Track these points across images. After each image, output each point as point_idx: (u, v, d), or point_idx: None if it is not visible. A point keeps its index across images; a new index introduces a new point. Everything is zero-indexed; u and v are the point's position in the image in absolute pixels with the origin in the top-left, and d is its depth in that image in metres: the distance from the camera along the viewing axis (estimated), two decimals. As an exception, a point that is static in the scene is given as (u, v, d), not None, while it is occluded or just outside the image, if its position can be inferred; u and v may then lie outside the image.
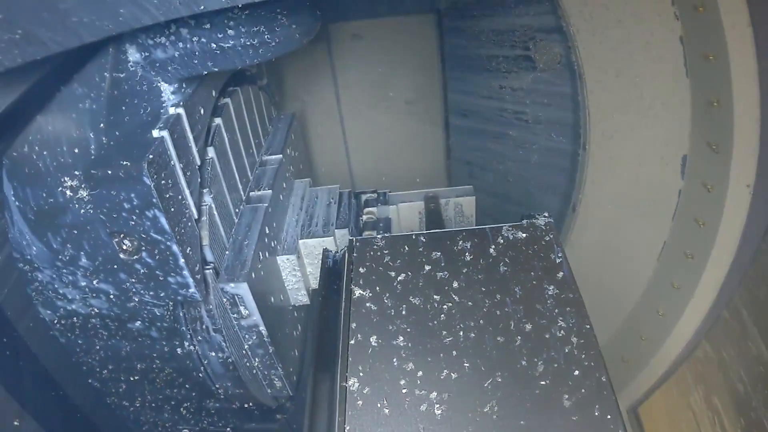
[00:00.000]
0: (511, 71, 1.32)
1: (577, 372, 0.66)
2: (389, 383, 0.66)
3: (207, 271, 0.87)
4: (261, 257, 0.94)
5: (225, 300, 0.89)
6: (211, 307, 0.88)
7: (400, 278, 0.77)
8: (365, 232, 1.06)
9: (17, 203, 0.84)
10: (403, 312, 0.73)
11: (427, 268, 0.78)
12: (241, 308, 0.90)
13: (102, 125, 0.78)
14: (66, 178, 0.80)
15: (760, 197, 0.98)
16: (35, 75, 0.75)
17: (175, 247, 0.77)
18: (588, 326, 0.71)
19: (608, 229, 1.31)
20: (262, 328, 0.93)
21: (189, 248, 0.80)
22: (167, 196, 0.75)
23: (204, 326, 0.90)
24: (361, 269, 0.79)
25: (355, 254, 0.82)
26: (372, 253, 0.81)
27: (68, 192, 0.80)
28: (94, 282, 0.88)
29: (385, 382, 0.66)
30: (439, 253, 0.80)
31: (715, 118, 1.02)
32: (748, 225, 1.02)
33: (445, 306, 0.74)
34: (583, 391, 0.64)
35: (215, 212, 0.90)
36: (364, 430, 0.63)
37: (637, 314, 1.29)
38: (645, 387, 1.27)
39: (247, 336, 0.95)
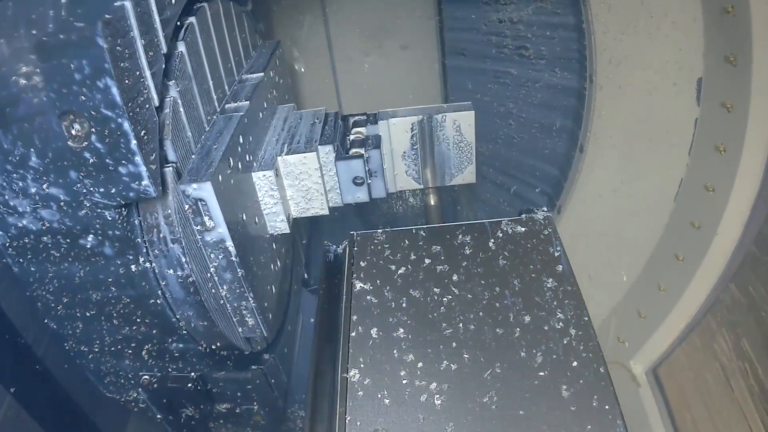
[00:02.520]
0: (510, 2, 1.25)
1: (575, 363, 0.66)
2: (390, 374, 0.67)
3: (167, 170, 0.77)
4: (232, 165, 0.84)
5: (187, 207, 0.79)
6: (169, 211, 0.78)
7: (400, 271, 0.79)
8: (353, 149, 0.96)
9: (-31, 103, 0.76)
10: (404, 304, 0.75)
11: (427, 261, 0.80)
12: (205, 218, 0.79)
13: (63, 0, 0.72)
14: (21, 64, 0.73)
15: (788, 108, 0.89)
16: None
17: (126, 125, 0.68)
18: (586, 318, 0.71)
19: (619, 168, 1.20)
20: (230, 243, 0.82)
21: (144, 132, 0.71)
22: (122, 65, 0.67)
23: (161, 236, 0.79)
24: (361, 263, 0.81)
25: (355, 248, 0.83)
26: (373, 246, 0.83)
27: (22, 80, 0.73)
28: (44, 186, 0.79)
29: (385, 373, 0.67)
30: (439, 247, 0.82)
31: (730, 27, 0.93)
32: (776, 143, 0.92)
33: (444, 299, 0.75)
34: (581, 381, 0.64)
35: (181, 109, 0.81)
36: (365, 421, 0.63)
37: (655, 261, 1.17)
38: (665, 344, 1.13)
39: (212, 255, 0.84)
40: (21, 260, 0.88)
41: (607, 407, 0.62)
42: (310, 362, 0.76)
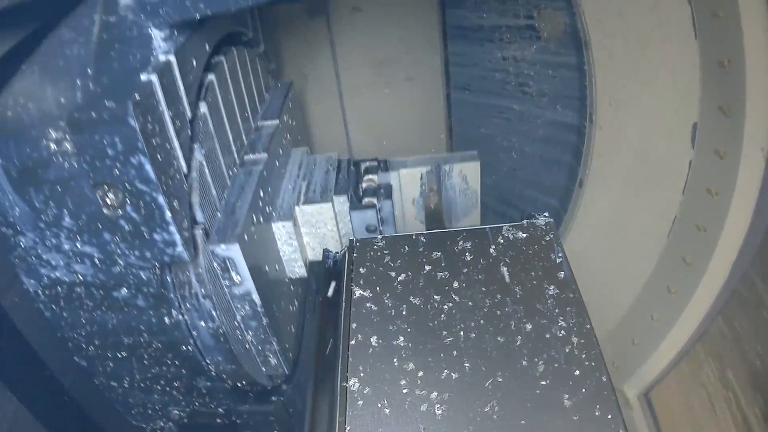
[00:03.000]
0: (514, 42, 1.29)
1: (577, 372, 0.66)
2: (390, 383, 0.66)
3: (196, 232, 0.82)
4: (255, 221, 0.89)
5: (216, 265, 0.84)
6: (200, 270, 0.83)
7: (400, 278, 0.77)
8: (365, 198, 1.01)
9: (0, 160, 0.79)
10: (404, 312, 0.73)
11: (428, 268, 0.78)
12: (233, 273, 0.85)
13: (90, 71, 0.75)
14: (50, 130, 0.76)
15: (776, 161, 0.95)
16: (23, 28, 0.72)
17: (161, 199, 0.72)
18: (588, 326, 0.71)
19: (617, 204, 1.26)
20: (255, 296, 0.87)
21: (176, 201, 0.75)
22: (154, 142, 0.71)
23: (193, 292, 0.85)
24: (361, 269, 0.79)
25: (355, 254, 0.82)
26: (372, 253, 0.81)
27: (52, 145, 0.76)
28: (78, 244, 0.83)
29: (385, 382, 0.66)
30: (439, 253, 0.80)
31: (725, 80, 0.98)
32: (763, 191, 0.98)
33: (445, 306, 0.74)
34: (583, 390, 0.64)
35: (206, 170, 0.85)
36: (365, 430, 0.62)
37: (648, 293, 1.24)
38: (657, 370, 1.22)
39: (239, 305, 0.89)
40: (53, 306, 0.91)
41: (609, 416, 0.61)
42: (309, 371, 0.76)
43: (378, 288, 0.77)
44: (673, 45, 1.05)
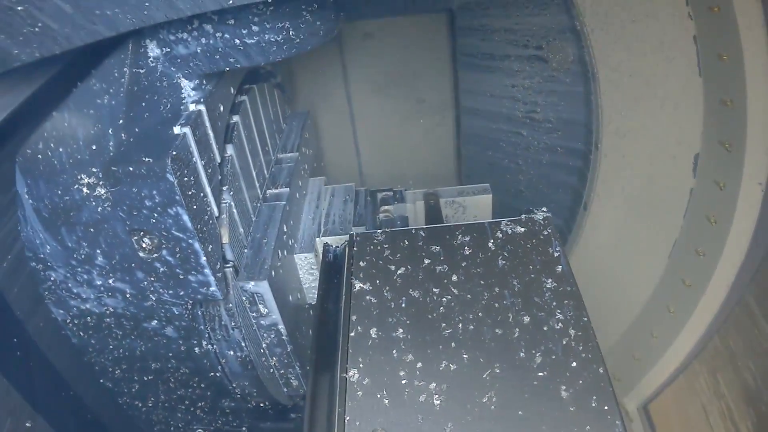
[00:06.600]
0: (523, 70, 1.33)
1: (574, 364, 0.66)
2: (389, 374, 0.67)
3: (227, 270, 0.86)
4: (279, 255, 0.94)
5: (244, 298, 0.89)
6: (230, 305, 0.87)
7: (399, 272, 0.78)
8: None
9: (30, 201, 0.82)
10: (403, 305, 0.74)
11: (427, 261, 0.79)
12: (261, 306, 0.89)
13: (121, 121, 0.77)
14: (83, 175, 0.79)
15: (772, 195, 1.00)
16: (52, 70, 0.74)
17: (197, 245, 0.76)
18: (585, 319, 0.71)
19: (620, 227, 1.32)
20: (281, 326, 0.92)
21: (210, 246, 0.79)
22: (189, 193, 0.74)
23: (223, 324, 0.89)
24: (361, 263, 0.79)
25: (355, 248, 0.82)
26: (372, 247, 0.82)
27: (85, 189, 0.79)
28: (110, 281, 0.86)
29: (384, 373, 0.67)
30: (438, 247, 0.81)
31: (727, 117, 1.03)
32: (760, 222, 1.03)
33: (444, 299, 0.74)
34: (580, 382, 0.64)
35: (234, 210, 0.89)
36: (364, 421, 0.62)
37: (649, 312, 1.30)
38: (656, 384, 1.28)
39: (265, 335, 0.94)
40: (81, 334, 0.93)
41: (606, 407, 0.62)
42: (309, 362, 0.76)
43: (377, 281, 0.76)
44: (679, 81, 1.09)
